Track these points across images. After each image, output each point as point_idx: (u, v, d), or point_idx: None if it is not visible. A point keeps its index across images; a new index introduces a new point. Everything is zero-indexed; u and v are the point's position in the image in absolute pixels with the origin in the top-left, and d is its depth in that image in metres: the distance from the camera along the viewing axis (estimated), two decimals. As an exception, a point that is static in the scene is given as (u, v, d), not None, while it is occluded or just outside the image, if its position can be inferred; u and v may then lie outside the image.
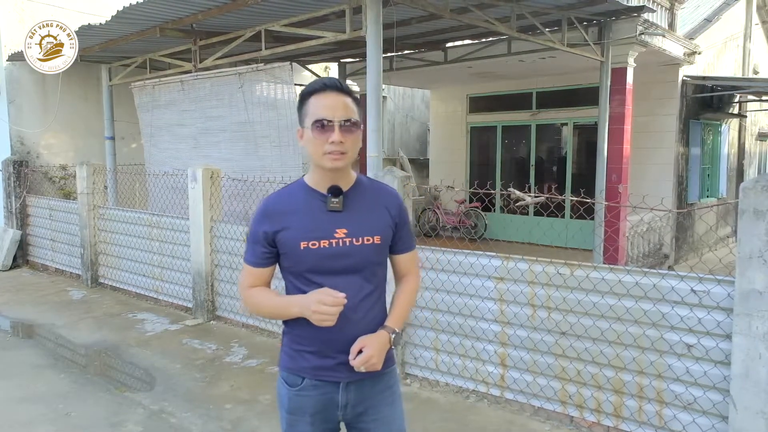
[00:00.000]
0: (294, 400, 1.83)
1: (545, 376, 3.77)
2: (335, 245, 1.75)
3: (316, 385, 1.80)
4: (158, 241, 6.46)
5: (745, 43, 13.27)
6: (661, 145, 10.18)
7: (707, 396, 3.18)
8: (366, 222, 1.81)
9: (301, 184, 1.84)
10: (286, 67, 5.83)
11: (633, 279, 3.37)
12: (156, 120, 7.36)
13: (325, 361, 1.79)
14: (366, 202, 1.83)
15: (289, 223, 1.76)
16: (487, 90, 12.24)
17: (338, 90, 1.75)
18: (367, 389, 1.83)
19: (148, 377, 4.60)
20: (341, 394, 1.81)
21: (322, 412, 1.82)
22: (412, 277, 1.96)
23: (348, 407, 1.83)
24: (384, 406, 1.86)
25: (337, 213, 1.77)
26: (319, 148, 1.73)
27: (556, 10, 7.04)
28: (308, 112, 1.75)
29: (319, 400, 1.81)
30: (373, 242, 1.80)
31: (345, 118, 1.72)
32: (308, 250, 1.74)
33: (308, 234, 1.75)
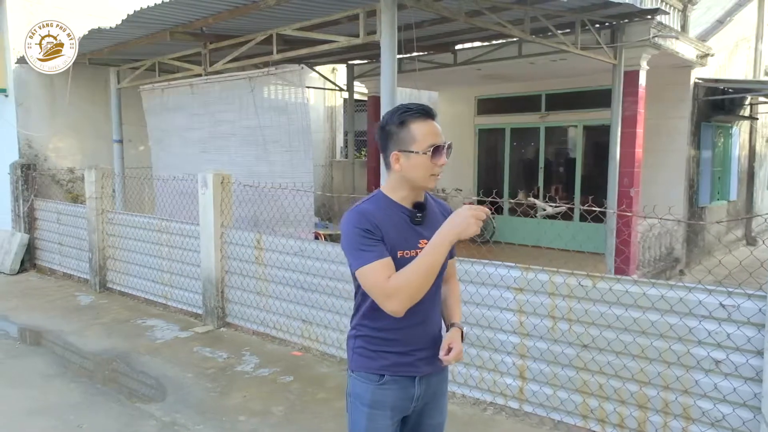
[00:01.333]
0: (377, 394, 1.96)
1: (566, 389, 3.69)
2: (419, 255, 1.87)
3: (396, 380, 1.96)
4: (168, 247, 6.40)
5: (756, 44, 13.15)
6: (673, 148, 10.07)
7: (737, 413, 3.09)
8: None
9: (385, 198, 1.95)
10: (297, 71, 5.76)
11: (658, 292, 3.29)
12: (164, 123, 7.30)
13: (405, 358, 1.96)
14: (435, 214, 2.03)
15: (385, 233, 1.88)
16: (495, 92, 12.14)
17: (434, 117, 1.93)
18: (433, 381, 2.04)
19: (160, 387, 4.54)
20: (416, 387, 1.99)
21: (400, 404, 1.99)
22: (455, 281, 2.24)
23: (420, 399, 2.01)
24: (442, 395, 2.10)
25: (419, 225, 1.96)
26: (428, 171, 1.89)
27: (570, 12, 6.95)
28: (416, 138, 1.87)
29: (398, 394, 1.97)
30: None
31: (449, 143, 1.91)
32: (403, 259, 1.88)
33: (402, 244, 1.91)
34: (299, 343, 5.23)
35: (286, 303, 5.28)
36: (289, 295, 5.25)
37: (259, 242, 5.42)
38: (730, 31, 11.44)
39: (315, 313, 5.06)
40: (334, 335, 4.94)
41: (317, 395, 4.34)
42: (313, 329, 5.10)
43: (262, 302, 5.49)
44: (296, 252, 5.11)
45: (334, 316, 4.92)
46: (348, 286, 4.79)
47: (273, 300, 5.39)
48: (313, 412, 4.08)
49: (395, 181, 1.94)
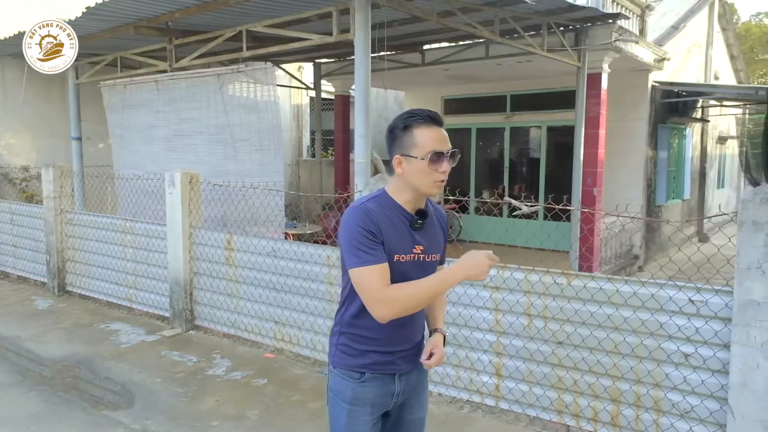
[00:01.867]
0: (357, 391, 1.99)
1: (541, 385, 3.75)
2: (413, 260, 1.95)
3: (376, 377, 1.99)
4: (132, 248, 6.22)
5: (707, 50, 13.68)
6: (632, 149, 10.39)
7: (705, 405, 3.20)
8: (434, 241, 2.04)
9: (389, 200, 1.95)
10: (268, 69, 5.67)
11: (631, 289, 3.38)
12: (127, 121, 7.09)
13: (386, 356, 1.99)
14: (433, 223, 2.06)
15: (385, 236, 1.88)
16: (461, 92, 12.27)
17: (440, 124, 1.92)
18: (413, 378, 2.08)
19: (127, 393, 4.40)
20: (396, 384, 2.02)
21: (380, 401, 2.02)
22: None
23: (400, 395, 2.05)
24: (422, 391, 2.14)
25: (417, 231, 1.97)
26: (430, 178, 1.88)
27: (537, 15, 7.08)
28: (417, 143, 1.87)
29: (378, 391, 2.00)
30: (436, 259, 2.04)
31: (452, 150, 1.90)
32: (399, 263, 1.90)
33: (398, 248, 1.91)
34: (272, 345, 5.16)
35: (258, 304, 5.20)
36: (261, 296, 5.17)
37: (230, 243, 5.32)
38: (683, 37, 11.86)
39: (288, 314, 5.00)
40: (308, 336, 4.90)
41: (292, 397, 4.29)
42: (286, 330, 5.04)
43: (233, 304, 5.39)
44: (269, 252, 5.04)
45: (308, 317, 4.87)
46: (322, 287, 4.76)
47: (244, 302, 5.30)
48: (289, 414, 4.03)
49: (399, 185, 1.94)
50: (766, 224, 2.89)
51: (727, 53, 15.78)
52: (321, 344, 4.81)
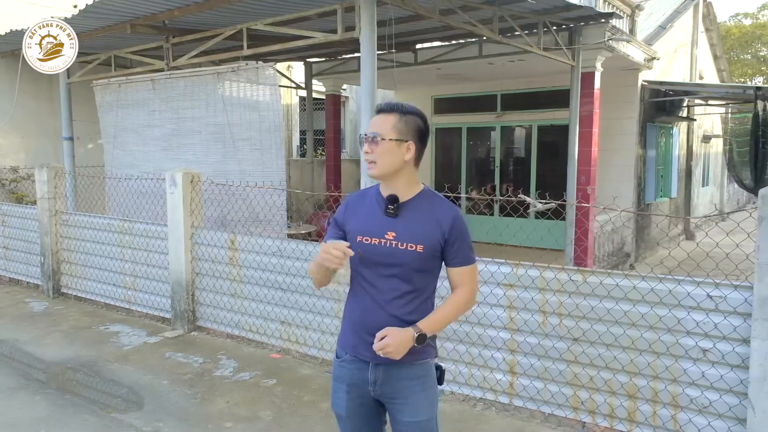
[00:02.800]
0: (337, 369, 2.17)
1: (556, 382, 3.76)
2: (382, 244, 2.01)
3: (353, 360, 2.10)
4: (131, 249, 6.11)
5: (692, 50, 13.89)
6: (623, 147, 10.50)
7: (723, 399, 3.24)
8: (413, 230, 2.02)
9: (375, 189, 2.14)
10: (269, 68, 5.61)
11: (648, 285, 3.41)
12: (121, 120, 6.97)
13: (358, 340, 2.08)
14: (420, 213, 2.05)
15: (355, 218, 2.09)
16: (452, 92, 12.30)
17: (385, 111, 2.05)
18: (394, 373, 2.06)
19: (135, 396, 4.32)
20: (370, 372, 2.07)
21: (356, 385, 2.10)
22: (461, 291, 2.10)
23: (377, 384, 2.07)
24: (412, 394, 2.07)
25: (392, 218, 2.03)
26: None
27: (533, 14, 7.12)
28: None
29: (353, 374, 2.10)
30: (416, 249, 2.01)
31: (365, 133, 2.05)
32: (362, 244, 2.03)
33: (365, 231, 2.04)
34: (278, 345, 5.11)
35: (263, 304, 5.15)
36: (266, 296, 5.12)
37: (234, 243, 5.26)
38: (670, 37, 12.02)
39: (294, 314, 4.96)
40: (315, 336, 4.86)
41: (303, 398, 4.25)
42: (292, 330, 5.00)
43: (237, 304, 5.33)
44: (274, 252, 4.99)
45: (315, 316, 4.84)
46: (329, 286, 4.71)
47: (249, 302, 5.24)
48: (302, 415, 3.99)
49: None
50: (786, 220, 2.93)
51: (711, 53, 16.04)
52: (329, 344, 4.78)
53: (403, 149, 2.01)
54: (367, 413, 2.15)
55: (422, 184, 2.11)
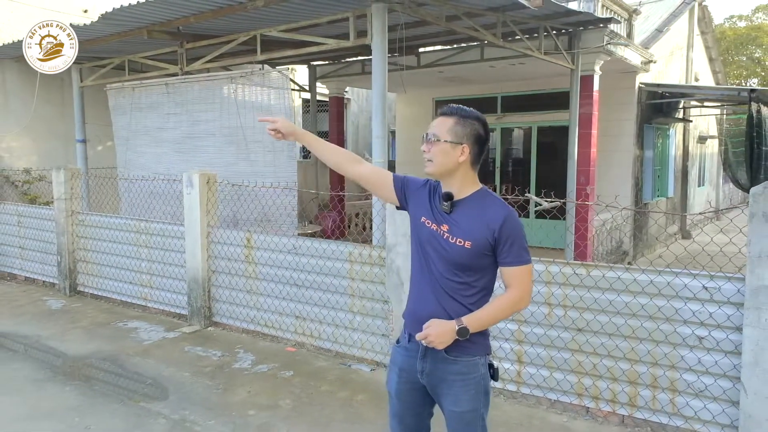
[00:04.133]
0: (393, 352, 2.35)
1: (562, 370, 3.98)
2: (437, 231, 2.16)
3: (407, 348, 2.25)
4: (147, 248, 6.32)
5: (688, 53, 14.15)
6: (621, 148, 10.74)
7: (718, 383, 3.47)
8: (466, 228, 2.12)
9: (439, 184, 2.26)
10: (281, 73, 5.83)
11: (648, 278, 3.63)
12: (134, 123, 7.18)
13: (411, 325, 2.23)
14: (472, 212, 2.15)
15: (425, 201, 2.23)
16: (453, 94, 12.51)
17: (447, 114, 2.19)
18: (440, 364, 2.16)
19: (159, 386, 4.53)
20: (419, 361, 2.20)
21: (407, 370, 2.25)
22: (512, 290, 2.14)
23: (424, 373, 2.20)
24: (456, 388, 2.16)
25: (446, 213, 2.16)
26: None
27: (534, 19, 7.35)
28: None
29: (404, 359, 2.26)
30: (464, 245, 2.10)
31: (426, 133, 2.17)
32: (423, 226, 2.20)
33: (427, 214, 2.21)
34: (293, 339, 5.33)
35: (279, 300, 5.37)
36: (281, 292, 5.33)
37: (249, 241, 5.48)
38: (667, 40, 12.28)
39: (309, 309, 5.17)
40: (329, 330, 5.08)
41: (321, 388, 4.47)
42: (307, 325, 5.21)
43: (253, 300, 5.55)
44: (290, 250, 5.20)
45: (329, 311, 5.05)
46: (344, 282, 4.95)
47: (264, 298, 5.46)
48: (321, 403, 4.21)
49: None
50: (775, 216, 3.16)
51: (706, 55, 16.31)
52: (342, 337, 5.00)
53: (458, 151, 2.10)
54: (415, 398, 2.26)
55: (480, 184, 2.19)
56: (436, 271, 2.15)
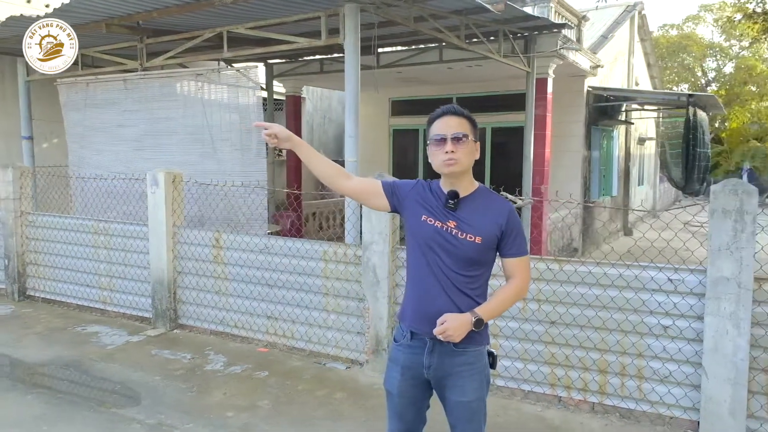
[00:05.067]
0: (394, 351, 2.35)
1: (535, 362, 4.14)
2: (444, 230, 2.19)
3: (410, 345, 2.27)
4: (106, 249, 6.11)
5: (629, 59, 14.84)
6: (571, 149, 11.17)
7: (681, 369, 3.71)
8: (474, 223, 2.19)
9: (436, 184, 2.30)
10: (250, 70, 5.77)
11: (617, 271, 3.83)
12: (89, 120, 6.91)
13: (419, 321, 2.23)
14: (478, 207, 2.23)
15: (420, 202, 2.26)
16: (409, 94, 12.66)
17: (455, 114, 2.22)
18: (447, 358, 2.21)
19: (130, 391, 4.41)
20: (426, 357, 2.23)
21: (411, 367, 2.27)
22: (515, 280, 2.25)
23: (431, 369, 2.23)
24: (461, 378, 2.22)
25: (452, 210, 2.20)
26: (438, 158, 2.20)
27: (494, 23, 7.55)
28: (431, 133, 2.24)
29: (408, 357, 2.27)
30: (475, 241, 2.17)
31: (454, 134, 2.17)
32: (425, 224, 2.22)
33: (428, 213, 2.23)
34: (264, 339, 5.29)
35: (249, 300, 5.31)
36: (252, 292, 5.28)
37: (219, 241, 5.39)
38: (611, 46, 12.85)
39: (281, 308, 5.15)
40: (303, 329, 5.07)
41: (298, 387, 4.47)
42: (279, 325, 5.19)
43: (222, 301, 5.47)
44: (261, 249, 5.16)
45: (302, 310, 5.05)
46: (318, 281, 4.96)
47: (234, 298, 5.39)
48: (300, 402, 4.21)
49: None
50: (734, 212, 3.41)
51: (645, 61, 17.15)
52: (316, 336, 5.01)
53: (476, 149, 2.24)
54: (416, 393, 2.31)
55: (477, 182, 2.29)
56: (444, 267, 2.18)
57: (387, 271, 4.50)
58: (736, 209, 3.39)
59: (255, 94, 5.79)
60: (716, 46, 31.15)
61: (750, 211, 3.37)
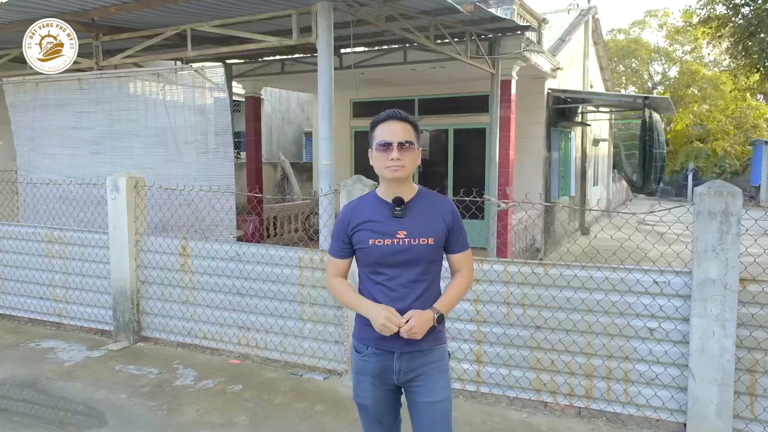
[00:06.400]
0: (359, 363, 2.32)
1: (520, 368, 4.08)
2: (396, 243, 2.20)
3: (376, 353, 2.27)
4: (62, 259, 5.74)
5: (584, 61, 15.17)
6: (532, 150, 11.29)
7: (668, 372, 3.71)
8: (422, 226, 2.24)
9: (372, 196, 2.31)
10: (216, 69, 5.52)
11: (603, 274, 3.81)
12: (40, 122, 6.48)
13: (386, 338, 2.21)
14: (424, 209, 2.27)
15: (362, 226, 2.24)
16: (371, 96, 12.52)
17: (400, 119, 2.23)
18: (417, 360, 2.25)
19: (94, 411, 4.12)
20: (396, 362, 2.25)
21: (381, 374, 2.28)
22: (463, 272, 2.36)
23: (401, 373, 2.26)
24: (430, 376, 2.28)
25: (399, 218, 2.22)
26: (382, 163, 2.21)
27: (461, 24, 7.52)
28: (375, 137, 2.24)
29: (378, 366, 2.27)
30: (428, 243, 2.23)
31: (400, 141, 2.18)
32: (374, 246, 2.21)
33: (375, 234, 2.22)
34: (236, 350, 5.05)
35: (219, 310, 5.07)
36: (222, 302, 5.04)
37: (186, 249, 5.13)
38: (569, 49, 13.08)
39: (254, 318, 4.93)
40: (277, 339, 4.87)
41: (275, 401, 4.27)
42: (252, 335, 4.97)
43: (189, 312, 5.20)
44: (232, 257, 4.93)
45: (276, 320, 4.85)
46: (293, 289, 4.77)
47: (203, 308, 5.14)
48: (280, 417, 4.02)
49: (379, 179, 2.31)
50: (719, 213, 3.44)
51: (598, 65, 17.57)
52: (292, 346, 4.82)
53: (419, 155, 2.28)
54: (389, 399, 2.35)
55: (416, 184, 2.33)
56: (400, 279, 2.22)
57: (367, 277, 4.35)
58: (722, 211, 3.42)
59: (221, 94, 5.54)
60: (662, 50, 32.37)
61: (735, 212, 3.40)
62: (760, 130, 27.39)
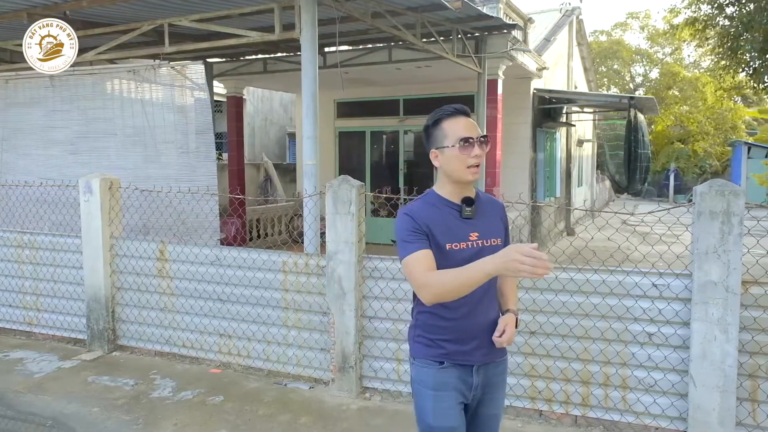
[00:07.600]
0: (439, 376, 2.06)
1: (515, 375, 3.92)
2: (470, 246, 2.04)
3: (455, 367, 2.07)
4: (32, 264, 5.46)
5: (569, 62, 15.15)
6: (519, 150, 11.19)
7: (667, 378, 3.58)
8: (490, 226, 2.12)
9: (435, 196, 2.10)
10: (196, 66, 5.30)
11: (600, 277, 3.67)
12: (12, 121, 6.19)
13: (462, 347, 2.05)
14: (487, 210, 2.15)
15: (432, 228, 2.01)
16: (355, 96, 12.35)
17: (466, 114, 2.09)
18: (490, 372, 2.13)
19: (64, 427, 3.87)
20: (474, 377, 2.08)
21: (461, 388, 2.08)
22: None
23: (478, 388, 2.10)
24: (497, 389, 2.18)
25: (470, 219, 2.06)
26: (463, 163, 2.01)
27: (448, 22, 7.38)
28: (447, 134, 2.04)
29: (460, 381, 2.07)
30: (497, 243, 2.10)
31: (482, 136, 2.04)
32: (452, 251, 2.01)
33: (450, 237, 2.02)
34: (216, 359, 4.83)
35: (199, 317, 4.85)
36: (202, 308, 4.82)
37: (163, 253, 4.90)
38: (554, 49, 13.03)
39: (236, 325, 4.72)
40: (260, 347, 4.66)
41: (258, 412, 4.06)
42: (233, 343, 4.75)
43: (168, 319, 4.97)
44: (212, 261, 4.71)
45: (259, 327, 4.64)
46: (276, 294, 4.57)
47: (182, 315, 4.91)
48: (262, 430, 3.82)
49: (441, 179, 2.12)
50: (721, 213, 3.31)
51: (582, 65, 17.60)
52: (275, 354, 4.61)
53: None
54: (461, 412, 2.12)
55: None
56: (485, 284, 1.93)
57: (354, 282, 4.17)
58: (723, 211, 3.30)
59: (201, 93, 5.32)
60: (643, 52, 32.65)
61: (737, 212, 3.28)
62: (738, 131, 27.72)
